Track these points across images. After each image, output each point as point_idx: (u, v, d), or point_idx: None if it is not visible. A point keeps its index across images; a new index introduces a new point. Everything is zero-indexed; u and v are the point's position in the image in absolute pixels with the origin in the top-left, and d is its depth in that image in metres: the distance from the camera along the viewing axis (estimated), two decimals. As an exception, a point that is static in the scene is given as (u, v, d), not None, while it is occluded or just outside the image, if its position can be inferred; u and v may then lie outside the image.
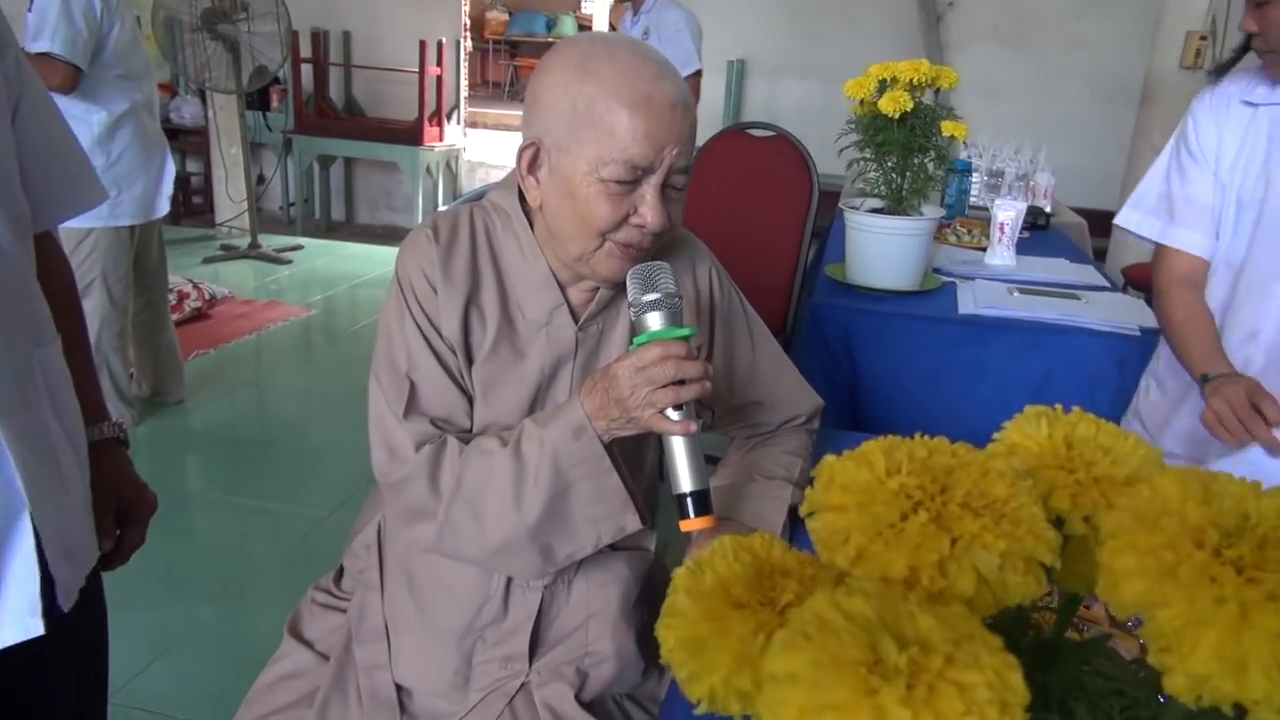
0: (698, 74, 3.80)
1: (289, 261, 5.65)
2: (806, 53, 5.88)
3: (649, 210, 1.03)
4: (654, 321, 0.98)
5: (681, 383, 0.96)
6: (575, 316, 1.15)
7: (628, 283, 1.01)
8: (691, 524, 0.98)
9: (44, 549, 0.90)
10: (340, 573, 1.32)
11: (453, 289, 1.10)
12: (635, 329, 1.00)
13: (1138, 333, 1.78)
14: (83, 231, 2.97)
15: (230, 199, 6.12)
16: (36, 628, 0.89)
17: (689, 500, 0.97)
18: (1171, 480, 0.38)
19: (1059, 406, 0.48)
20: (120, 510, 1.13)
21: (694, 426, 0.97)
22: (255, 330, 4.41)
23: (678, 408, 0.97)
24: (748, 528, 1.09)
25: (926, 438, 0.42)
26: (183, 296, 4.35)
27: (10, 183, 0.94)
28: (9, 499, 0.86)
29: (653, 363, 0.95)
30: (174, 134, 6.58)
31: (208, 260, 5.56)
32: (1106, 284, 2.20)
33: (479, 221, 1.15)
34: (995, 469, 0.40)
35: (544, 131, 1.04)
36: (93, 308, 3.05)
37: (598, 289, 1.13)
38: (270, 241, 5.92)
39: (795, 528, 1.14)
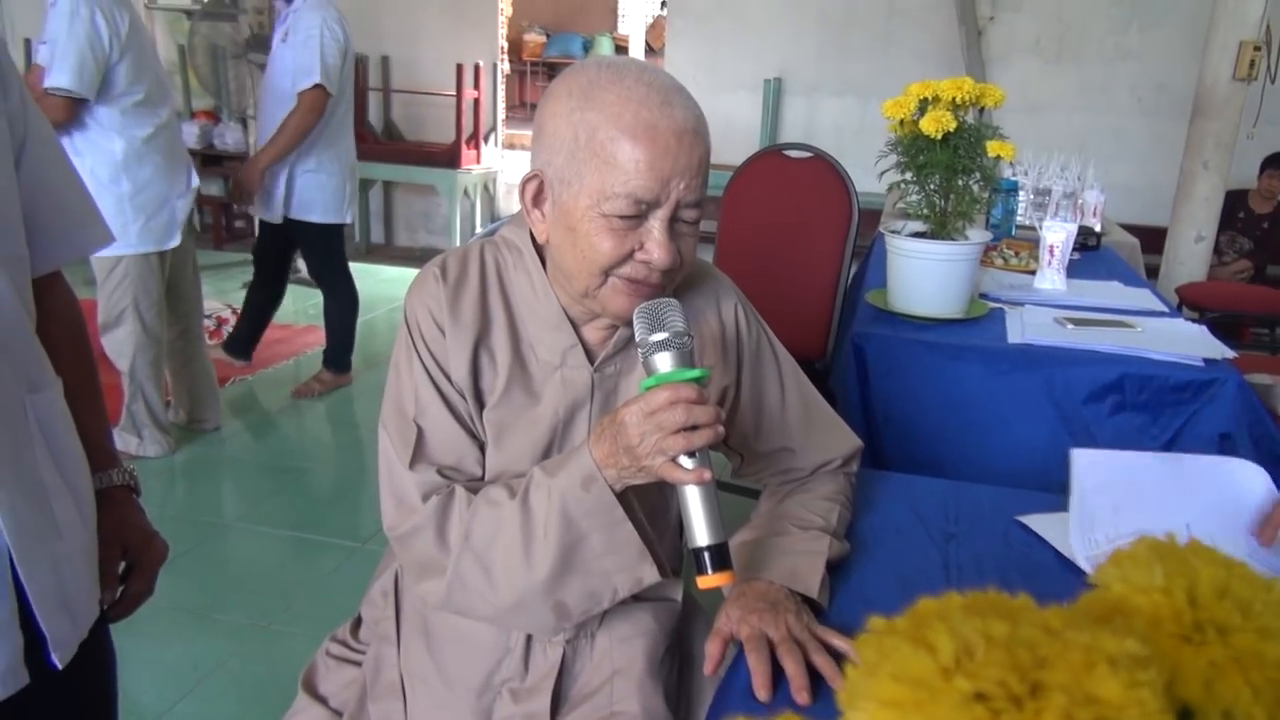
0: (317, 87, 3.43)
1: (328, 285, 5.67)
2: (843, 69, 5.80)
3: (655, 246, 0.97)
4: (663, 363, 0.92)
5: (694, 428, 0.89)
6: (591, 357, 1.08)
7: (634, 321, 0.95)
8: (709, 581, 0.91)
9: (30, 603, 0.86)
10: (358, 622, 1.27)
11: (461, 330, 1.05)
12: (645, 370, 0.94)
13: (1201, 364, 1.67)
14: (112, 260, 2.97)
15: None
16: (16, 683, 0.86)
17: (705, 555, 0.91)
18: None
19: (1172, 535, 0.38)
20: (127, 560, 1.09)
21: (709, 475, 0.91)
22: (293, 355, 4.41)
23: (691, 455, 0.90)
24: (779, 587, 1.01)
25: (1006, 594, 0.32)
26: (221, 322, 4.38)
27: (11, 225, 0.91)
28: None
29: (661, 407, 0.89)
30: (217, 159, 6.67)
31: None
32: (1164, 309, 2.09)
33: (490, 258, 1.10)
34: (1104, 654, 0.29)
35: (546, 163, 0.99)
36: (126, 336, 3.06)
37: (615, 327, 1.07)
38: (310, 265, 5.94)
39: (835, 587, 1.06)
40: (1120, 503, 1.19)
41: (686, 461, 0.90)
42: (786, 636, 0.93)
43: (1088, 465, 1.23)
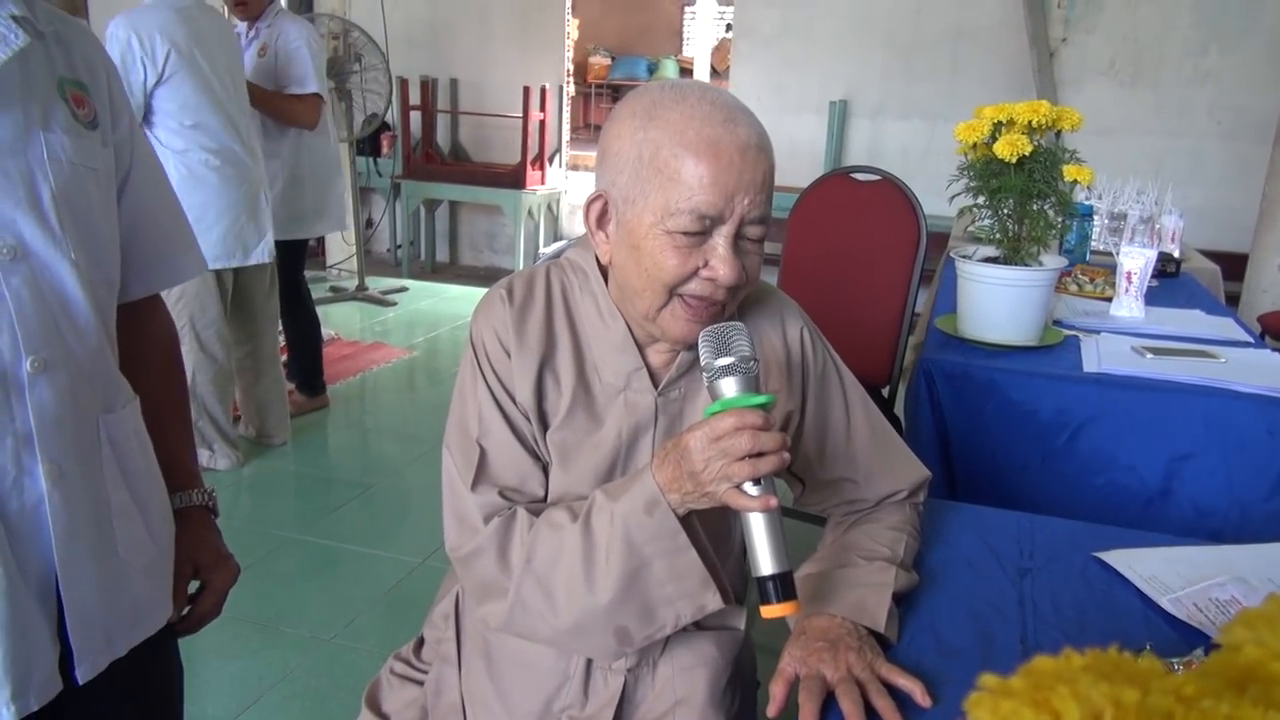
0: (317, 96, 3.51)
1: (394, 303, 5.77)
2: (909, 91, 5.74)
3: (720, 263, 0.96)
4: (728, 388, 0.91)
5: (759, 455, 0.88)
6: (655, 380, 1.08)
7: (700, 345, 0.94)
8: (773, 610, 0.89)
9: (65, 618, 0.87)
10: (420, 642, 1.28)
11: (526, 352, 1.05)
12: (710, 395, 0.93)
13: (1290, 397, 1.60)
14: None
15: (344, 241, 6.29)
16: (49, 692, 0.87)
17: (770, 584, 0.89)
18: None
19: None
20: (199, 579, 1.11)
21: (774, 502, 0.89)
22: (359, 371, 4.49)
23: (756, 482, 0.89)
24: (841, 621, 0.98)
25: (1129, 654, 0.29)
26: (291, 338, 4.45)
27: (107, 251, 0.93)
28: (31, 563, 0.85)
29: (727, 434, 0.88)
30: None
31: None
32: (1248, 338, 2.02)
33: (556, 281, 1.10)
34: (1243, 723, 0.27)
35: (610, 183, 1.00)
36: (183, 353, 3.12)
37: (678, 351, 1.06)
38: (377, 284, 6.05)
39: (904, 619, 1.03)
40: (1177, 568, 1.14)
41: (751, 488, 0.89)
42: (845, 676, 0.90)
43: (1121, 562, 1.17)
